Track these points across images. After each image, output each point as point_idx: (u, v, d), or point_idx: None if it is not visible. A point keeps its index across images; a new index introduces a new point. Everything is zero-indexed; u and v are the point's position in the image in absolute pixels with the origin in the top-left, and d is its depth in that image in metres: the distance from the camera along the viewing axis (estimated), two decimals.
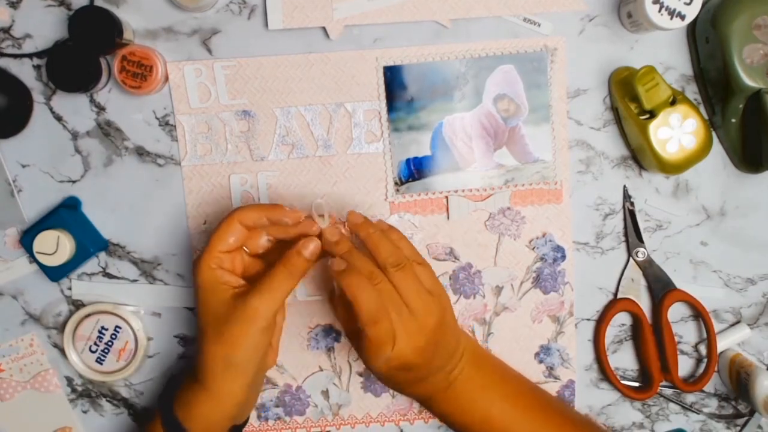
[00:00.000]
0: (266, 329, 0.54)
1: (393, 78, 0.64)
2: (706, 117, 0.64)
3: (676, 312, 0.67)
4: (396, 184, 0.65)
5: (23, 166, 0.65)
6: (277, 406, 0.68)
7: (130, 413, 0.69)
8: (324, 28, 0.63)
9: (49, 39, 0.63)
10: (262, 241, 0.58)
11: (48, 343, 0.67)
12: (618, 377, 0.67)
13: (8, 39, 0.63)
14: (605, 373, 0.67)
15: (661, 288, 0.66)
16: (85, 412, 0.69)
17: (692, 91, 0.64)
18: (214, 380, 0.55)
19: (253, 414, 0.68)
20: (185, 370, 0.64)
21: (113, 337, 0.66)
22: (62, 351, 0.67)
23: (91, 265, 0.66)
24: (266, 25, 0.63)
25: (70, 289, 0.67)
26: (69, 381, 0.68)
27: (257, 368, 0.56)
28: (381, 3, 0.63)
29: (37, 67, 0.64)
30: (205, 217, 0.66)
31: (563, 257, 0.66)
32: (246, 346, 0.54)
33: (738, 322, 0.67)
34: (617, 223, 0.66)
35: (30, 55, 0.63)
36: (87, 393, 0.69)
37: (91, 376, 0.67)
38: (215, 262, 0.56)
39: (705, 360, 0.67)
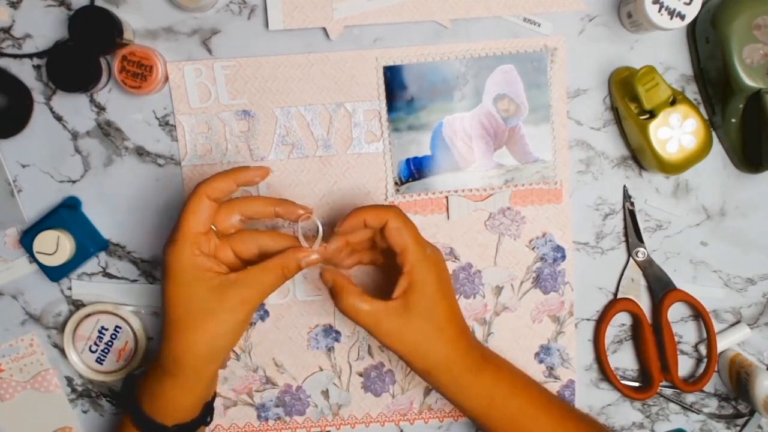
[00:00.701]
0: (248, 319, 0.55)
1: (393, 78, 0.64)
2: (706, 117, 0.64)
3: (676, 312, 0.67)
4: (396, 184, 0.65)
5: (23, 166, 0.65)
6: (277, 406, 0.68)
7: None
8: (324, 29, 0.63)
9: (49, 39, 0.63)
10: (234, 221, 0.56)
11: (48, 343, 0.67)
12: (618, 377, 0.67)
13: (8, 39, 0.63)
14: (605, 373, 0.67)
15: (661, 288, 0.66)
16: (85, 412, 0.69)
17: (692, 91, 0.64)
18: (192, 369, 0.54)
19: (253, 414, 0.68)
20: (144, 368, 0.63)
21: (113, 337, 0.66)
22: (62, 351, 0.67)
23: (91, 265, 0.66)
24: (266, 25, 0.63)
25: (70, 289, 0.67)
26: (69, 381, 0.68)
27: (229, 351, 0.57)
28: (381, 3, 0.63)
29: (37, 67, 0.64)
30: None
31: (563, 257, 0.66)
32: (229, 336, 0.54)
33: (738, 322, 0.67)
34: (617, 223, 0.66)
35: (30, 56, 0.63)
36: (87, 393, 0.69)
37: (91, 376, 0.67)
38: (196, 247, 0.53)
39: (705, 360, 0.67)
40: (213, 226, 0.55)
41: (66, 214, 0.64)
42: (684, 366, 0.68)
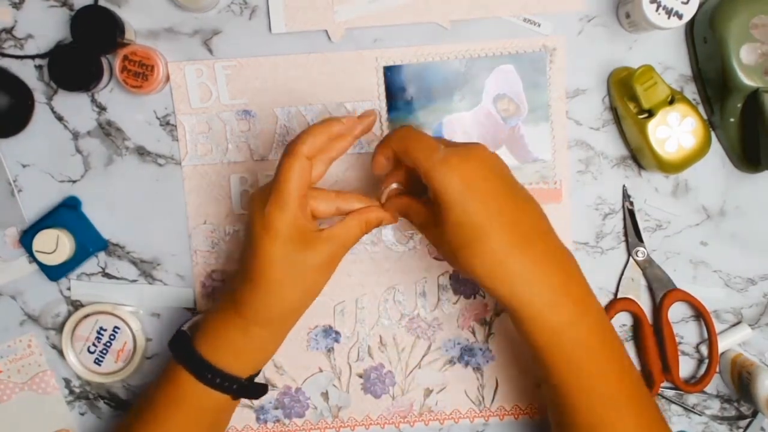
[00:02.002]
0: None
1: (393, 78, 0.64)
2: (704, 117, 0.64)
3: (676, 312, 0.67)
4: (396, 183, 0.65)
5: (24, 166, 0.65)
6: (276, 408, 0.68)
7: None
8: (325, 31, 0.64)
9: (51, 39, 0.64)
10: (329, 208, 0.56)
11: (46, 343, 0.67)
12: None
13: (10, 39, 0.64)
14: None
15: (661, 288, 0.66)
16: (82, 414, 0.68)
17: (691, 91, 0.65)
18: (282, 321, 0.56)
19: (252, 416, 0.68)
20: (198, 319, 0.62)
21: (112, 337, 0.66)
22: (60, 352, 0.67)
23: (90, 265, 0.66)
24: (269, 28, 0.63)
25: (69, 289, 0.66)
26: (67, 382, 0.68)
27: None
28: (381, 5, 0.63)
29: (39, 67, 0.64)
30: (205, 217, 0.66)
31: None
32: (320, 289, 0.56)
33: (739, 323, 0.67)
34: (617, 222, 0.66)
35: (32, 56, 0.64)
36: (85, 395, 0.68)
37: (89, 377, 0.66)
38: (300, 209, 0.52)
39: (706, 360, 0.67)
40: (312, 208, 0.56)
41: (66, 214, 0.64)
42: (685, 367, 0.67)
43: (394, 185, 0.56)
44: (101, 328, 0.66)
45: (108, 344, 0.66)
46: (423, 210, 0.54)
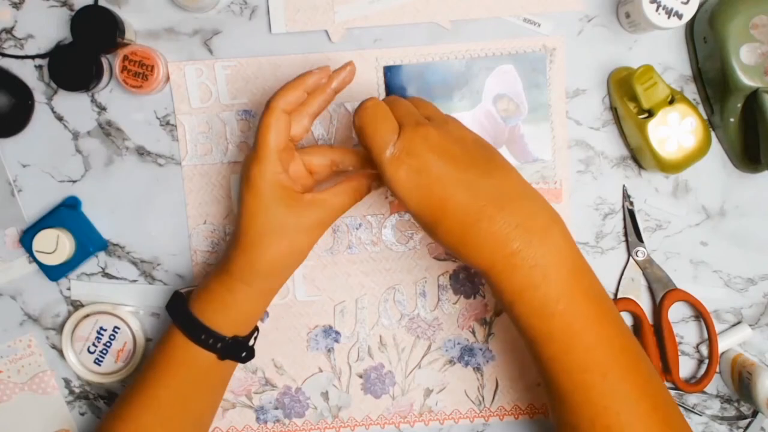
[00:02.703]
0: (320, 237, 0.57)
1: (393, 78, 0.64)
2: (705, 117, 0.64)
3: (676, 312, 0.67)
4: None
5: (24, 166, 0.65)
6: (276, 408, 0.68)
7: None
8: (326, 31, 0.64)
9: (51, 39, 0.64)
10: (305, 123, 0.57)
11: (46, 343, 0.67)
12: None
13: (11, 39, 0.64)
14: None
15: (661, 288, 0.66)
16: (82, 414, 0.68)
17: (691, 91, 0.65)
18: (267, 278, 0.56)
19: (252, 416, 0.68)
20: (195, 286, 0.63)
21: (112, 337, 0.66)
22: (60, 352, 0.66)
23: (90, 266, 0.66)
24: (269, 28, 0.63)
25: (69, 289, 0.66)
26: (67, 382, 0.68)
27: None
28: (382, 5, 0.63)
29: (39, 67, 0.64)
30: (205, 217, 0.66)
31: None
32: (306, 252, 0.56)
33: (739, 323, 0.67)
34: (617, 222, 0.66)
35: (32, 57, 0.64)
36: (85, 395, 0.68)
37: (89, 377, 0.66)
38: (278, 165, 0.54)
39: (706, 361, 0.67)
40: (302, 161, 0.57)
41: (66, 214, 0.64)
42: (685, 367, 0.67)
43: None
44: (101, 328, 0.66)
45: (108, 344, 0.66)
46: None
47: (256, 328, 0.61)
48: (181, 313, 0.57)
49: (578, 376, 0.50)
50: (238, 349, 0.58)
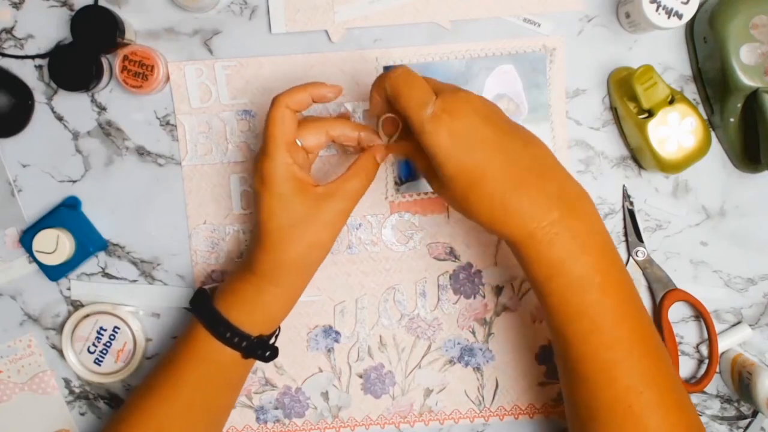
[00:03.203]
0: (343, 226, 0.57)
1: None
2: (705, 117, 0.64)
3: (676, 312, 0.67)
4: (396, 183, 0.65)
5: (24, 166, 0.65)
6: (276, 408, 0.68)
7: None
8: (326, 31, 0.64)
9: (51, 39, 0.64)
10: (321, 140, 0.57)
11: (46, 343, 0.67)
12: None
13: (11, 39, 0.64)
14: None
15: (661, 288, 0.66)
16: (82, 414, 0.68)
17: (691, 91, 0.65)
18: (292, 275, 0.56)
19: (252, 416, 0.68)
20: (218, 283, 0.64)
21: (112, 337, 0.66)
22: (60, 352, 0.66)
23: (90, 266, 0.66)
24: (269, 28, 0.63)
25: (69, 289, 0.66)
26: (67, 382, 0.68)
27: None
28: (382, 5, 0.63)
29: (39, 68, 0.64)
30: (205, 217, 0.66)
31: None
32: (330, 244, 0.56)
33: (739, 323, 0.67)
34: (617, 222, 0.66)
35: (32, 57, 0.64)
36: (84, 395, 0.68)
37: (89, 377, 0.66)
38: (289, 156, 0.54)
39: (706, 361, 0.67)
40: (299, 141, 0.56)
41: (66, 214, 0.64)
42: (685, 367, 0.67)
43: (389, 114, 0.56)
44: (101, 328, 0.66)
45: (108, 344, 0.66)
46: (423, 156, 0.54)
47: (279, 327, 0.60)
48: (206, 310, 0.57)
49: (604, 354, 0.49)
50: (263, 349, 0.58)
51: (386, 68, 0.64)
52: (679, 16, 0.58)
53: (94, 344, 0.66)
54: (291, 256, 0.54)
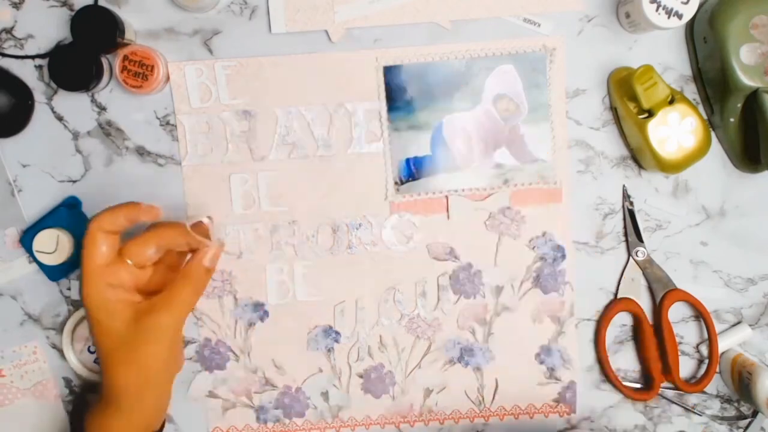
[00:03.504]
0: (177, 342, 0.56)
1: (393, 78, 0.64)
2: (705, 117, 0.64)
3: (676, 312, 0.67)
4: (396, 183, 0.65)
5: (24, 166, 0.65)
6: (276, 408, 0.68)
7: None
8: (326, 31, 0.64)
9: (51, 39, 0.64)
10: (150, 253, 0.57)
11: (47, 343, 0.67)
12: (619, 378, 0.66)
13: (10, 39, 0.64)
14: (606, 374, 0.66)
15: (661, 288, 0.66)
16: None
17: (691, 91, 0.65)
18: (128, 400, 0.55)
19: (252, 416, 0.68)
20: (87, 397, 0.65)
21: None
22: (60, 352, 0.66)
23: None
24: (269, 28, 0.63)
25: (69, 289, 0.66)
26: (67, 382, 0.68)
27: (169, 378, 0.57)
28: (382, 5, 0.63)
29: (39, 68, 0.64)
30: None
31: (563, 257, 0.66)
32: (159, 364, 0.55)
33: (739, 323, 0.67)
34: (617, 222, 0.66)
35: (32, 57, 0.64)
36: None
37: (90, 377, 0.66)
38: (102, 280, 0.54)
39: (706, 361, 0.67)
40: (129, 261, 0.56)
41: (66, 214, 0.64)
42: (685, 367, 0.68)
43: (193, 221, 0.57)
44: None
45: None
46: None
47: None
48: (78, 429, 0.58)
49: None
50: None
51: (386, 68, 0.64)
52: (679, 16, 0.58)
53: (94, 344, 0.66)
54: (122, 381, 0.54)
